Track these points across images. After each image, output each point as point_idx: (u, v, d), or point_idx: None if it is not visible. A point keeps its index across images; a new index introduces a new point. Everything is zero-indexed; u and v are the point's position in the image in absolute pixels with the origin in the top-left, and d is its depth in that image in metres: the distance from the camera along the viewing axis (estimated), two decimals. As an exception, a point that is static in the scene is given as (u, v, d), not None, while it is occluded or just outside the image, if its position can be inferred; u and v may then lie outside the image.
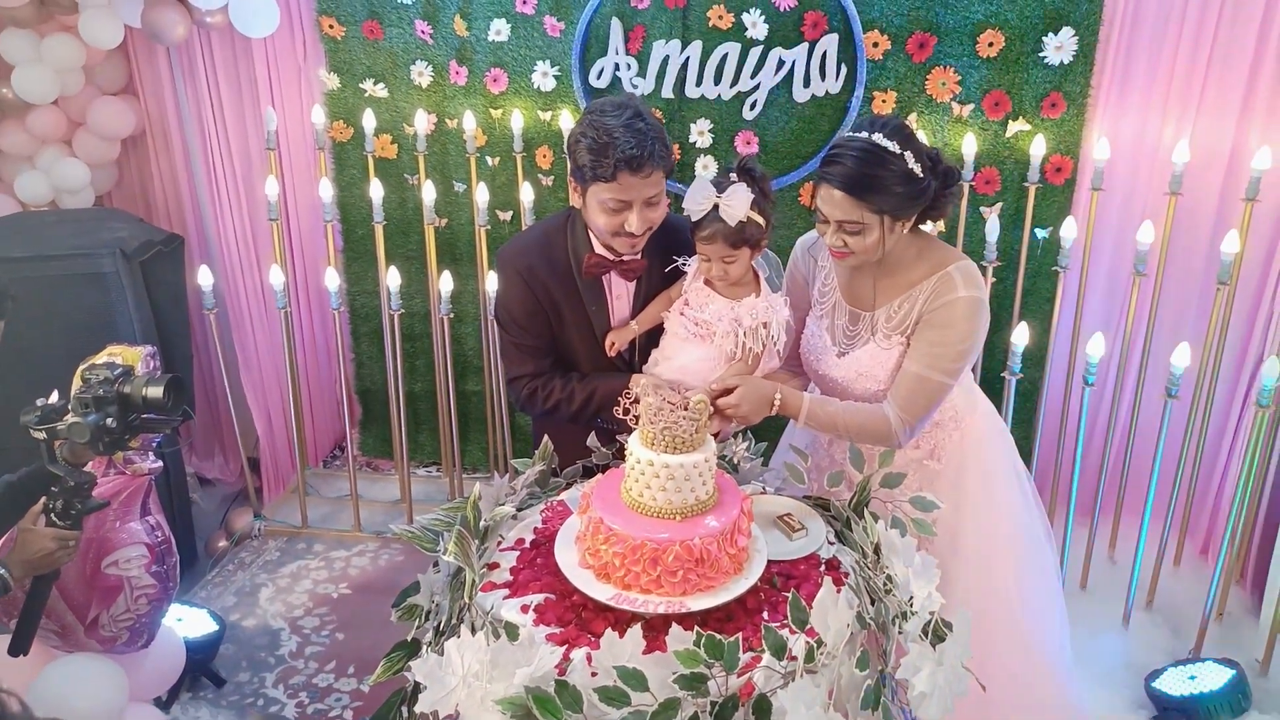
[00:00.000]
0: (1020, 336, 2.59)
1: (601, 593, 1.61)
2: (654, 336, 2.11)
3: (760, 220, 1.90)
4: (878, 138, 1.79)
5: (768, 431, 2.15)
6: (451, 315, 3.04)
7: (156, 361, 2.11)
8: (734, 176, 1.89)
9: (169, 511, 3.08)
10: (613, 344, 2.08)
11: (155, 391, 1.77)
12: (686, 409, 1.62)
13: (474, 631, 1.56)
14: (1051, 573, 2.22)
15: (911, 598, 1.58)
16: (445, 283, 2.95)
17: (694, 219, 1.91)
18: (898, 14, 2.77)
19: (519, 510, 1.94)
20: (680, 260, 2.04)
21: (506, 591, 1.69)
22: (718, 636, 1.42)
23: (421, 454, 3.68)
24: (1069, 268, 2.78)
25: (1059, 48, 2.71)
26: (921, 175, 1.81)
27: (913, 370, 1.91)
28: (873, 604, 1.65)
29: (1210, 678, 2.49)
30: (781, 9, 2.81)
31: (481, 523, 1.76)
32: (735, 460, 2.09)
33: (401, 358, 3.43)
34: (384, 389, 3.43)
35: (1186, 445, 2.78)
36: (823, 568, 1.77)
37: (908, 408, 1.92)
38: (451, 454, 3.38)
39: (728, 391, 1.93)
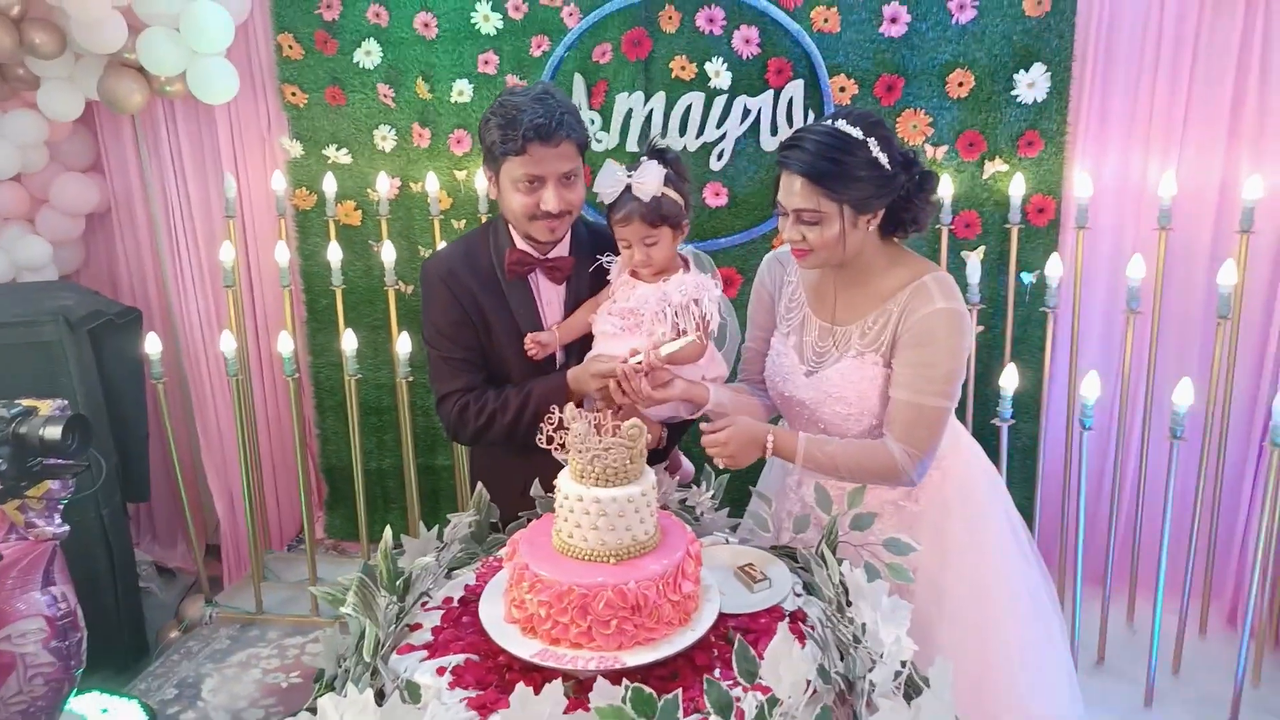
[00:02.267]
0: (1009, 379, 2.41)
1: (526, 649, 1.41)
2: (587, 349, 1.96)
3: (676, 197, 1.82)
4: (841, 124, 1.68)
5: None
6: (411, 379, 2.89)
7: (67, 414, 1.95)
8: (644, 158, 1.82)
9: (115, 600, 2.90)
10: (533, 345, 1.93)
11: (53, 432, 1.62)
12: (619, 434, 1.45)
13: (383, 698, 1.37)
14: (1059, 640, 1.98)
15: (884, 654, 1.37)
16: (403, 344, 2.82)
17: (608, 203, 1.84)
18: (863, 57, 2.70)
19: (453, 570, 1.75)
20: (604, 257, 1.94)
21: (425, 653, 1.50)
22: (646, 690, 1.21)
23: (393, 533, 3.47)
24: (1058, 308, 2.63)
25: (1031, 85, 2.63)
26: (889, 166, 1.68)
27: (903, 398, 1.75)
28: (842, 659, 1.44)
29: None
30: (744, 57, 2.75)
31: (400, 577, 1.58)
32: (698, 511, 1.91)
33: (367, 431, 3.29)
34: (350, 465, 3.26)
35: (1200, 494, 2.56)
36: (786, 620, 1.56)
37: (910, 439, 1.75)
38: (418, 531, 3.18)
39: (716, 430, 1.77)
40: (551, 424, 1.47)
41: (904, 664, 1.34)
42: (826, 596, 1.54)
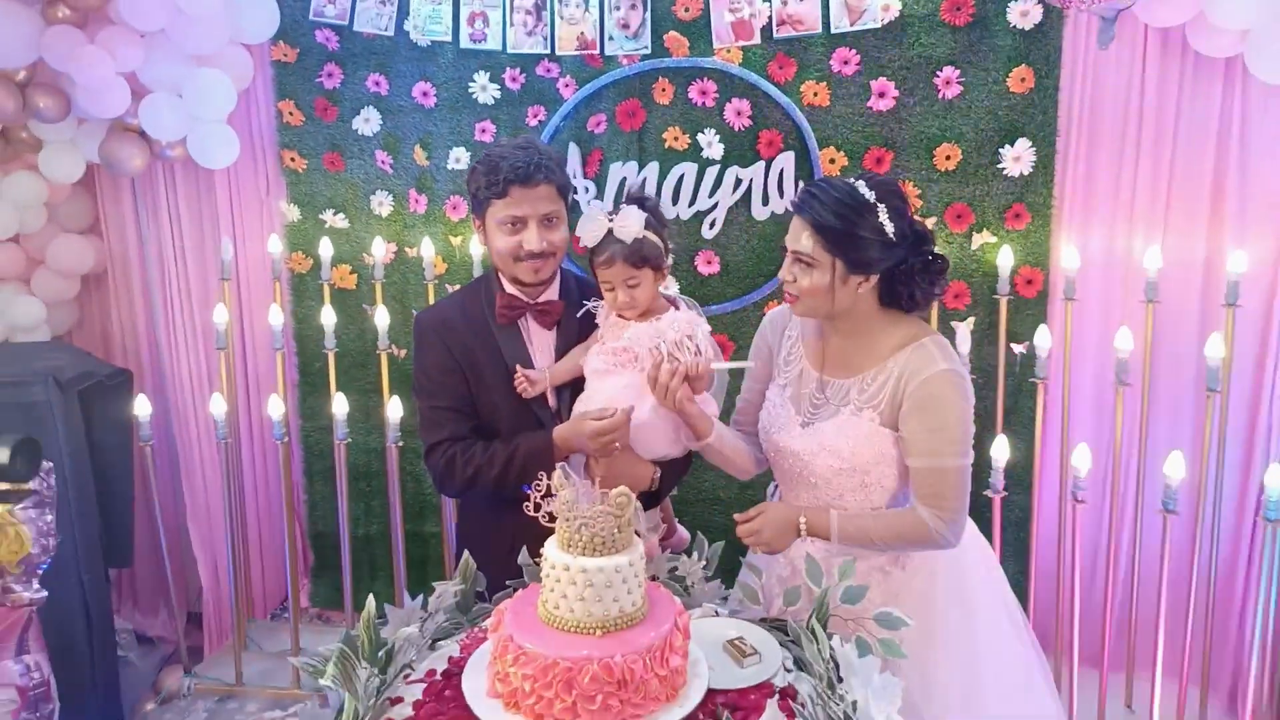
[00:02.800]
0: (1000, 451, 2.41)
1: (508, 725, 1.38)
2: (578, 393, 2.00)
3: (656, 240, 1.89)
4: (860, 184, 1.75)
5: (718, 531, 1.95)
6: (401, 444, 2.87)
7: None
8: (624, 203, 1.91)
9: (90, 669, 2.83)
10: (523, 381, 1.96)
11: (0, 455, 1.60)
12: (607, 502, 1.43)
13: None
14: (1052, 710, 1.94)
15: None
16: (394, 409, 2.81)
17: (590, 246, 1.90)
18: (853, 130, 2.76)
19: (437, 640, 1.72)
20: (590, 302, 2.00)
21: (405, 729, 1.46)
22: (631, 770, 1.18)
23: (378, 603, 3.40)
24: (1048, 379, 2.63)
25: (1017, 159, 2.68)
26: (894, 236, 1.73)
27: (923, 465, 1.77)
28: (833, 738, 1.41)
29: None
30: (737, 129, 2.81)
31: (382, 648, 1.54)
32: (689, 581, 1.88)
33: (353, 497, 3.25)
34: (338, 532, 3.22)
35: (1196, 570, 2.53)
36: (776, 697, 1.53)
37: (938, 503, 1.77)
38: (403, 599, 3.12)
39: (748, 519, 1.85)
40: (540, 490, 1.45)
41: (896, 744, 1.31)
42: (817, 673, 1.51)
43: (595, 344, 1.99)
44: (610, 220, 1.88)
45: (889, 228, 1.72)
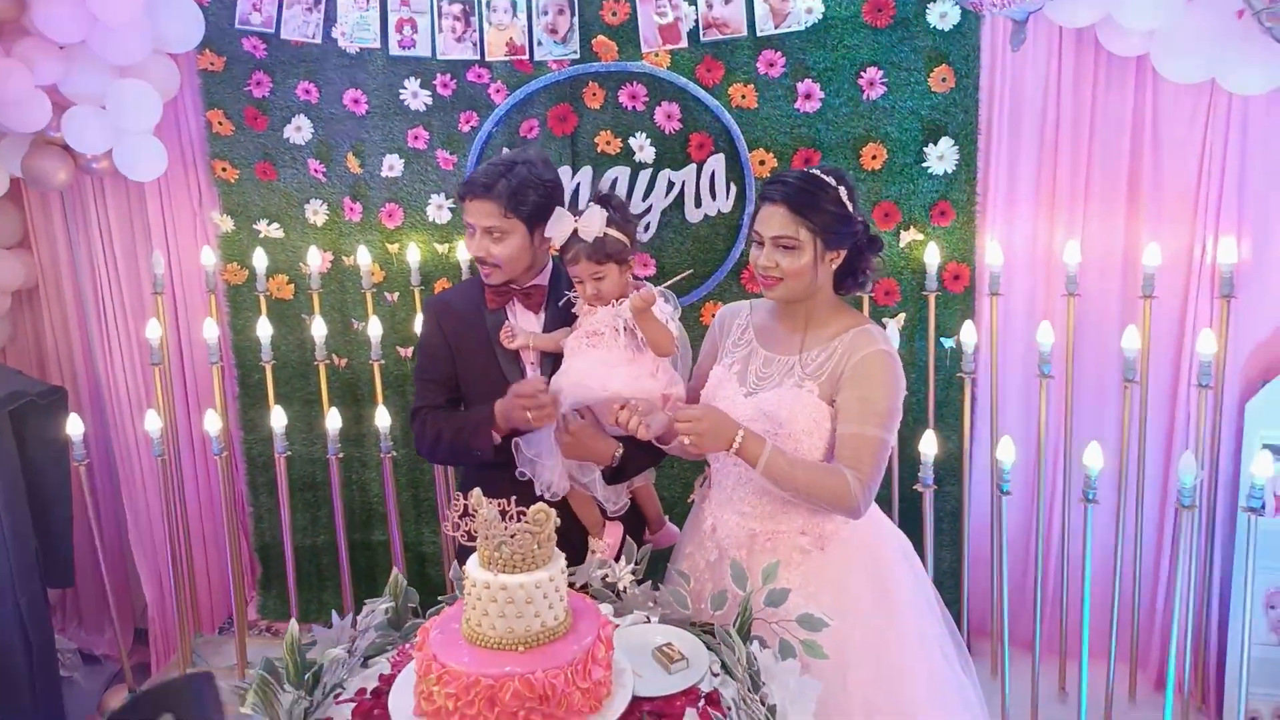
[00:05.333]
0: (929, 445, 2.46)
1: (433, 743, 1.40)
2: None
3: (620, 236, 2.03)
4: (815, 171, 1.93)
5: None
6: (341, 455, 2.87)
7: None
8: (591, 203, 2.05)
9: (31, 691, 2.80)
10: (509, 331, 2.15)
11: None
12: (526, 519, 1.45)
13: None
14: (976, 707, 2.00)
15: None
16: (333, 420, 2.80)
17: (558, 245, 2.06)
18: (780, 132, 2.79)
19: (370, 658, 1.73)
20: (570, 293, 2.15)
21: (333, 751, 1.47)
22: (546, 785, 1.21)
23: (325, 614, 3.39)
24: (975, 373, 2.70)
25: (940, 158, 2.73)
26: (852, 212, 1.91)
27: (850, 430, 1.88)
28: (754, 741, 1.45)
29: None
30: (667, 132, 2.83)
31: (309, 670, 1.55)
32: (620, 586, 1.91)
33: (299, 508, 3.25)
34: (283, 543, 3.20)
35: (1120, 557, 2.61)
36: (702, 703, 1.56)
37: (858, 466, 1.86)
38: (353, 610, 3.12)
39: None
40: (458, 510, 1.47)
41: (810, 746, 1.35)
42: (739, 678, 1.54)
43: (576, 331, 2.12)
44: (575, 221, 2.02)
45: (848, 205, 1.91)
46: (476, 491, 1.48)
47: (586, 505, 2.18)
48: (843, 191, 1.90)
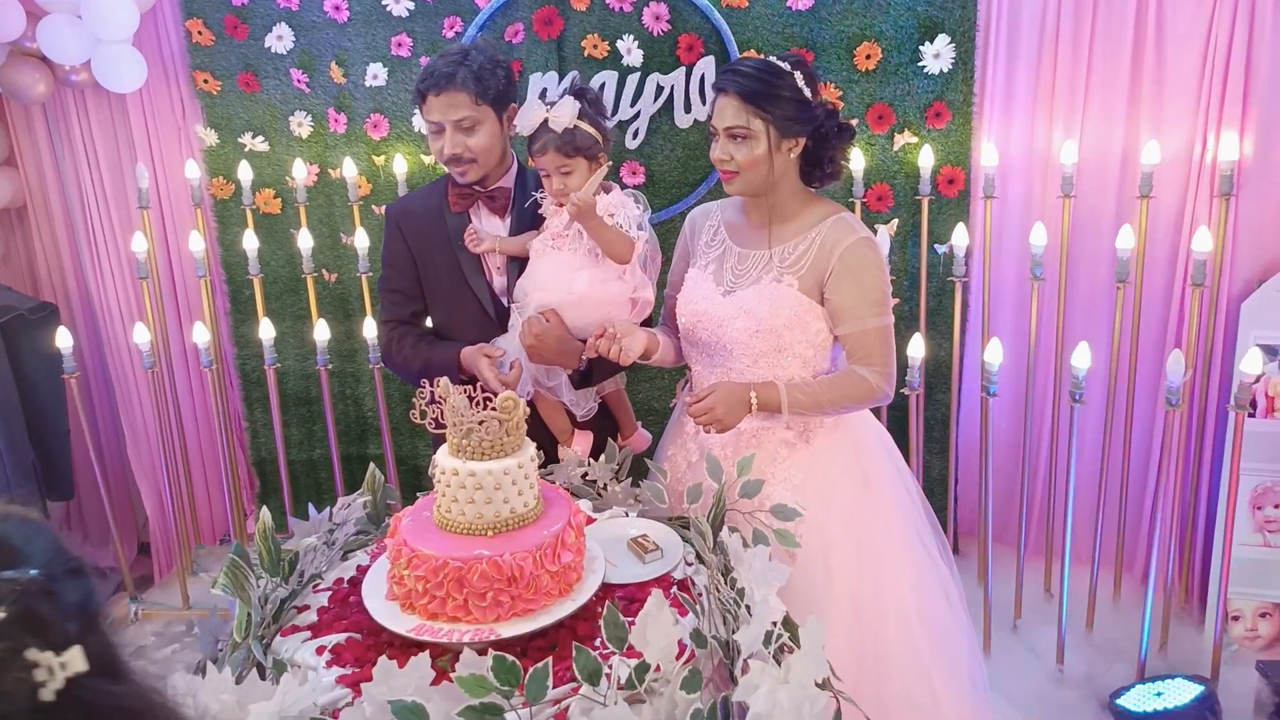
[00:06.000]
0: (916, 349, 2.44)
1: (403, 624, 1.42)
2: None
3: (591, 130, 1.94)
4: (771, 58, 1.86)
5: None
6: (331, 367, 2.87)
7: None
8: (565, 94, 1.96)
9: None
10: (473, 235, 2.06)
11: None
12: (494, 406, 1.45)
13: (263, 678, 1.36)
14: (955, 596, 2.01)
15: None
16: (321, 332, 2.80)
17: (525, 134, 1.98)
18: (772, 32, 2.71)
19: (349, 551, 1.75)
20: (538, 193, 2.07)
21: (309, 634, 1.49)
22: (509, 659, 1.22)
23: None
24: (969, 278, 2.66)
25: (937, 56, 2.65)
26: (811, 98, 1.83)
27: (855, 330, 1.86)
28: (725, 624, 1.46)
29: (1178, 694, 2.34)
30: (655, 34, 2.75)
31: (283, 560, 1.57)
32: (600, 484, 1.92)
33: (297, 422, 3.26)
34: (278, 458, 3.23)
35: (1107, 459, 2.61)
36: (674, 589, 1.57)
37: (875, 359, 1.87)
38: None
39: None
40: (424, 398, 1.47)
41: (774, 624, 1.36)
42: (709, 562, 1.55)
43: (543, 233, 2.06)
44: (546, 111, 1.94)
45: (806, 91, 1.83)
46: (444, 380, 1.47)
47: (555, 411, 2.10)
48: (798, 77, 1.82)
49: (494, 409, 1.45)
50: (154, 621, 3.04)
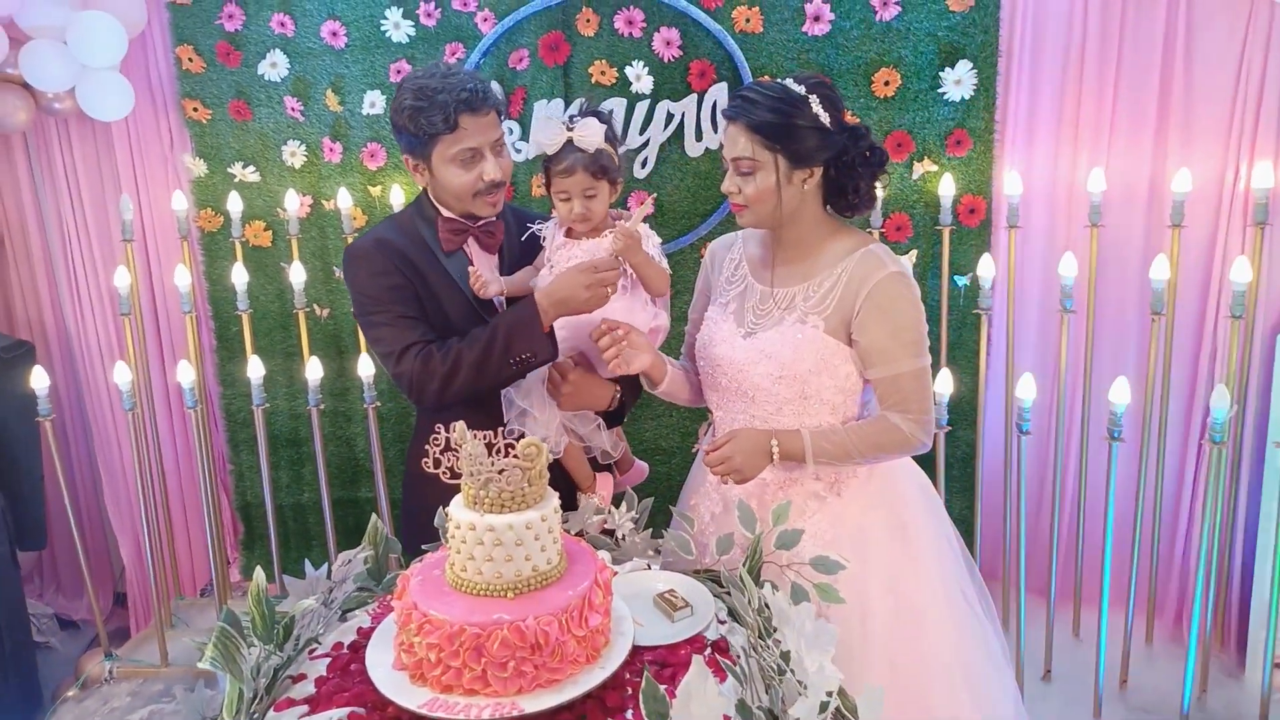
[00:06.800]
0: (944, 385, 2.32)
1: (414, 698, 1.26)
2: None
3: (613, 152, 1.85)
4: (787, 81, 1.71)
5: (660, 480, 1.84)
6: (323, 406, 2.72)
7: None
8: (581, 114, 1.85)
9: (1, 657, 2.67)
10: (478, 279, 1.84)
11: None
12: (515, 453, 1.31)
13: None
14: (999, 654, 1.88)
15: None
16: (313, 370, 2.65)
17: (550, 153, 1.84)
18: (786, 58, 2.63)
19: (348, 610, 1.60)
20: (535, 224, 1.95)
21: (306, 709, 1.34)
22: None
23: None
24: (992, 310, 2.55)
25: (958, 82, 2.57)
26: (829, 124, 1.69)
27: (887, 374, 1.72)
28: (767, 691, 1.31)
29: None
30: (666, 60, 2.66)
31: (278, 625, 1.42)
32: (620, 533, 1.78)
33: (284, 465, 3.12)
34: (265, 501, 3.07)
35: (1142, 497, 2.49)
36: (709, 651, 1.43)
37: (911, 406, 1.73)
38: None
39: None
40: (438, 445, 1.33)
41: (830, 695, 1.22)
42: (749, 624, 1.41)
43: (544, 267, 1.92)
44: (570, 129, 1.82)
45: (824, 116, 1.69)
46: (460, 424, 1.34)
47: (577, 458, 1.98)
48: (814, 102, 1.68)
49: (515, 456, 1.31)
50: (130, 681, 2.85)
